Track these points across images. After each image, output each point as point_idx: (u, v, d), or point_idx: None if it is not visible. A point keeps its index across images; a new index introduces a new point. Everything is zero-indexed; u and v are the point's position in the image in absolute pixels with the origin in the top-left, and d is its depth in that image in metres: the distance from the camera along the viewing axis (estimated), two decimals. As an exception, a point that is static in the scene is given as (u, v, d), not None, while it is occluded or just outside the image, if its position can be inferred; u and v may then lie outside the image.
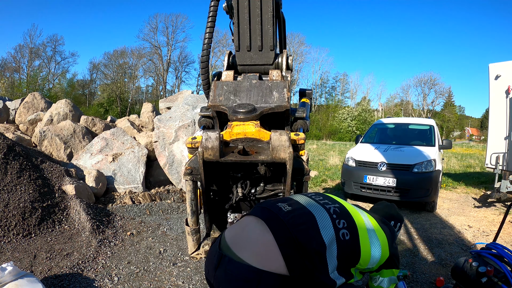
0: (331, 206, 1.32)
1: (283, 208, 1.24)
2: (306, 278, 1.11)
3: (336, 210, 1.31)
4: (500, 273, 1.78)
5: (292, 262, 1.09)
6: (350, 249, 1.24)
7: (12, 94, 27.61)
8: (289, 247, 1.11)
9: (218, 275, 1.13)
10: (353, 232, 1.28)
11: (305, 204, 1.30)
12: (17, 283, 1.92)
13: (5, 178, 3.36)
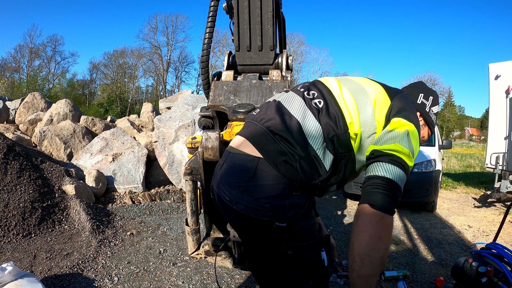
0: (304, 85, 1.28)
1: (255, 114, 1.26)
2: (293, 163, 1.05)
3: (306, 86, 1.26)
4: (500, 273, 1.77)
5: (265, 149, 1.08)
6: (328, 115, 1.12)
7: (12, 94, 27.61)
8: (265, 140, 1.10)
9: (222, 171, 1.15)
10: (327, 97, 1.17)
11: (275, 98, 1.28)
12: (17, 283, 1.92)
13: (5, 178, 3.36)
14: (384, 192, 0.98)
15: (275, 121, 1.12)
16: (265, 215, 1.03)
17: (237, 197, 1.06)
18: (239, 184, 1.06)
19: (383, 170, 1.01)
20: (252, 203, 1.03)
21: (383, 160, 1.03)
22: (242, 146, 1.13)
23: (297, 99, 1.19)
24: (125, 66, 44.16)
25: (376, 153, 1.05)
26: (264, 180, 1.04)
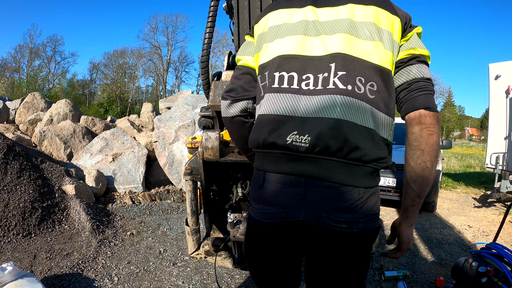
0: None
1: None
2: None
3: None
4: (500, 273, 1.78)
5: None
6: None
7: (12, 94, 27.60)
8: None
9: (314, 199, 0.91)
10: None
11: None
12: (17, 283, 1.92)
13: (5, 178, 3.36)
14: (431, 93, 0.96)
15: None
16: (376, 221, 0.95)
17: (355, 217, 0.90)
18: (355, 203, 0.90)
19: (423, 72, 0.96)
20: (369, 215, 0.93)
21: (417, 62, 0.97)
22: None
23: None
24: (125, 66, 44.17)
25: (409, 57, 0.97)
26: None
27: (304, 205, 0.90)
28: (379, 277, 2.81)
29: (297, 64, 0.95)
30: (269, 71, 1.00)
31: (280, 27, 1.01)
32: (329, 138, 0.87)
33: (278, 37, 1.00)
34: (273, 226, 0.95)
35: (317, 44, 0.95)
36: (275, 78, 0.97)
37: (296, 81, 0.94)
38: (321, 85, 0.91)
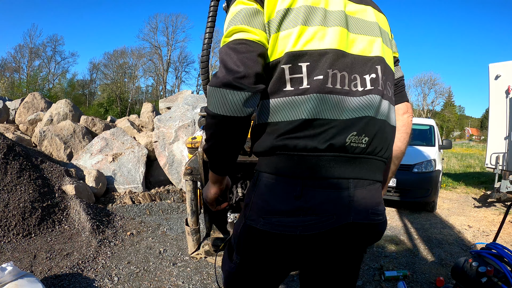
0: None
1: None
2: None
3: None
4: (500, 273, 1.78)
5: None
6: None
7: (12, 94, 27.60)
8: None
9: (361, 197, 0.91)
10: None
11: None
12: (17, 283, 1.92)
13: (5, 178, 3.37)
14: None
15: None
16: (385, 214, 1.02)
17: (383, 209, 0.98)
18: (381, 196, 1.00)
19: (402, 72, 1.20)
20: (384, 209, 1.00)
21: (398, 63, 1.19)
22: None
23: None
24: (125, 66, 44.17)
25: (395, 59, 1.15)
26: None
27: (353, 207, 0.88)
28: (379, 277, 2.81)
29: (347, 62, 0.88)
30: (317, 66, 0.85)
31: (320, 10, 0.87)
32: (380, 139, 0.91)
33: (321, 24, 0.86)
34: (317, 236, 0.86)
35: (360, 42, 0.92)
36: (328, 77, 0.85)
37: (347, 82, 0.88)
38: (371, 86, 0.90)
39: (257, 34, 0.85)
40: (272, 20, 0.86)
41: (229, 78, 0.80)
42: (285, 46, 0.85)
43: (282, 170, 0.88)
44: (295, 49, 0.84)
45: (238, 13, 0.86)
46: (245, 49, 0.83)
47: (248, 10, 0.86)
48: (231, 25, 0.85)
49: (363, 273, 2.88)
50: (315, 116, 0.84)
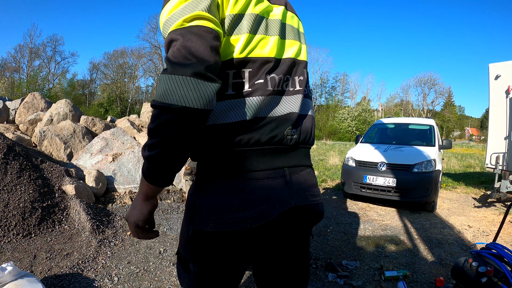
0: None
1: None
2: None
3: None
4: (500, 273, 1.78)
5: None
6: None
7: (12, 94, 27.62)
8: None
9: (300, 181, 1.05)
10: None
11: None
12: (17, 283, 1.92)
13: (5, 178, 3.37)
14: None
15: None
16: (320, 196, 1.12)
17: (318, 190, 1.09)
18: (315, 179, 1.11)
19: None
20: (319, 191, 1.10)
21: None
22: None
23: None
24: (125, 66, 44.23)
25: None
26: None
27: (292, 192, 0.96)
28: (379, 277, 2.81)
29: (284, 67, 0.97)
30: (258, 72, 0.91)
31: (264, 19, 0.93)
32: (306, 129, 1.03)
33: (264, 33, 0.92)
34: (266, 225, 0.91)
35: (292, 48, 1.02)
36: (268, 80, 0.92)
37: (282, 83, 0.97)
38: (299, 86, 1.03)
39: (220, 28, 0.82)
40: (223, 22, 0.86)
41: (200, 67, 0.74)
42: (232, 52, 0.87)
43: (224, 168, 0.89)
44: (241, 56, 0.87)
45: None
46: (211, 39, 0.78)
47: (213, 0, 0.82)
48: (195, 9, 0.78)
49: (363, 273, 2.88)
50: (257, 115, 0.90)
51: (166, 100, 0.73)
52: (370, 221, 4.54)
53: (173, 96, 0.73)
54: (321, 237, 3.84)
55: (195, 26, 0.78)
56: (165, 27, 0.81)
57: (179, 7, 0.79)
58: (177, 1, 0.80)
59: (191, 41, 0.75)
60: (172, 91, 0.73)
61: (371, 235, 3.97)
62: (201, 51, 0.75)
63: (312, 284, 2.67)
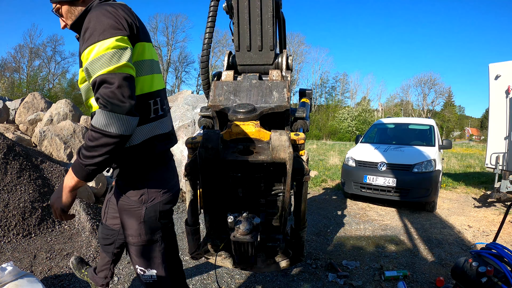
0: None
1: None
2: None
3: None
4: (500, 273, 1.78)
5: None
6: None
7: (12, 94, 27.60)
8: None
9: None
10: None
11: None
12: (17, 283, 1.92)
13: (5, 178, 3.37)
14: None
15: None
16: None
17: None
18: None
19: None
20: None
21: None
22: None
23: None
24: (125, 66, 44.13)
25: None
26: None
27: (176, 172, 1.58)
28: (379, 277, 2.81)
29: (164, 93, 1.46)
30: (158, 99, 1.38)
31: (154, 62, 1.39)
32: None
33: (156, 72, 1.39)
34: (177, 191, 1.53)
35: (161, 79, 1.46)
36: (166, 104, 1.46)
37: (167, 105, 1.48)
38: (167, 107, 1.49)
39: (133, 70, 1.17)
40: (136, 65, 1.25)
41: (130, 108, 1.09)
42: (149, 87, 1.33)
43: (161, 161, 1.43)
44: (153, 89, 1.34)
45: (125, 50, 1.13)
46: (133, 84, 1.14)
47: (130, 52, 1.16)
48: (122, 59, 1.11)
49: (363, 273, 2.88)
50: (168, 128, 1.46)
51: (106, 129, 1.07)
52: (370, 221, 4.54)
53: (112, 127, 1.07)
54: (321, 237, 3.84)
55: (125, 73, 1.10)
56: (93, 65, 1.09)
57: (107, 52, 1.09)
58: (106, 46, 1.09)
59: (123, 86, 1.08)
60: (111, 123, 1.06)
61: (371, 235, 3.97)
62: (130, 95, 1.09)
63: (312, 284, 2.67)
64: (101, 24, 1.12)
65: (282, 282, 2.67)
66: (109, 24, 1.13)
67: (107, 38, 1.10)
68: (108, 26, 1.13)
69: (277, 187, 1.91)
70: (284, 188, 1.74)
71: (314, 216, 4.71)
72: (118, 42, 1.12)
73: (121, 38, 1.14)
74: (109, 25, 1.13)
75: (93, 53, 1.09)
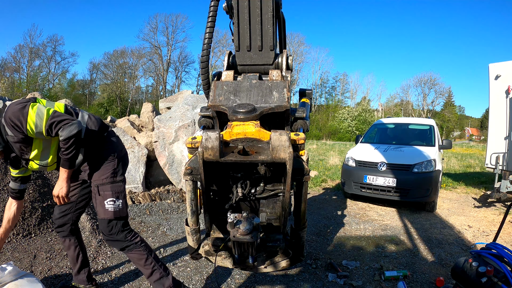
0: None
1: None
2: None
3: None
4: (500, 273, 1.78)
5: None
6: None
7: (12, 94, 27.60)
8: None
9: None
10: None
11: None
12: (17, 283, 1.92)
13: (5, 178, 3.36)
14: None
15: None
16: None
17: None
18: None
19: None
20: None
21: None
22: None
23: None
24: (125, 66, 44.20)
25: None
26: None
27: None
28: (379, 277, 2.81)
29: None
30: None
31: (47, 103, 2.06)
32: None
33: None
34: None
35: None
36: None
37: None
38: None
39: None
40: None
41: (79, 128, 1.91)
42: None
43: (118, 155, 2.18)
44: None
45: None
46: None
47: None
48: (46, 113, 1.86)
49: (363, 273, 2.89)
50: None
51: (71, 134, 1.84)
52: (370, 221, 4.54)
53: (71, 133, 1.85)
54: (321, 237, 3.84)
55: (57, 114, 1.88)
56: (38, 126, 1.81)
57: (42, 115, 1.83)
58: (45, 115, 1.82)
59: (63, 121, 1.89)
60: (72, 136, 1.85)
61: (371, 235, 3.97)
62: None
63: (312, 284, 2.67)
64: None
65: (282, 282, 2.67)
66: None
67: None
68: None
69: (277, 187, 1.91)
70: (284, 188, 1.74)
71: (314, 216, 4.71)
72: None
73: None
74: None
75: (39, 123, 1.83)
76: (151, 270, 2.11)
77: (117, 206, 2.06)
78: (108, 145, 2.13)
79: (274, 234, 1.93)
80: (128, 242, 2.08)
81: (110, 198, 2.05)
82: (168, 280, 2.14)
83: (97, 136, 2.07)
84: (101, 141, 2.10)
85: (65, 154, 1.85)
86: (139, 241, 2.13)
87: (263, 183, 1.89)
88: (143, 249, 2.12)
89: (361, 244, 3.65)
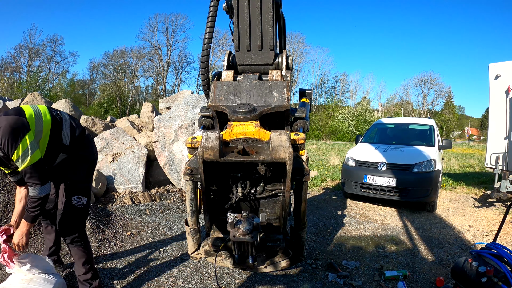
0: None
1: None
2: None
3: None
4: (500, 273, 1.78)
5: None
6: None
7: (12, 94, 27.60)
8: None
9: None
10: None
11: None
12: (32, 277, 2.09)
13: (5, 178, 3.36)
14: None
15: None
16: None
17: None
18: None
19: None
20: None
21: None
22: None
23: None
24: (125, 66, 44.18)
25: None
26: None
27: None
28: (379, 277, 2.81)
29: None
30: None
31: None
32: None
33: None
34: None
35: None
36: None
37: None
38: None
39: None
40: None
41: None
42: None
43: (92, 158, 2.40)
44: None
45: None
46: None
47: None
48: (31, 160, 1.90)
49: (363, 273, 2.89)
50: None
51: (38, 195, 1.95)
52: (370, 221, 4.54)
53: (41, 193, 1.97)
54: (321, 237, 3.84)
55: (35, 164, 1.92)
56: (19, 161, 1.87)
57: (27, 157, 1.86)
58: (29, 160, 1.86)
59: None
60: (40, 196, 1.96)
61: (371, 235, 3.97)
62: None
63: (312, 284, 2.67)
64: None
65: (282, 282, 2.67)
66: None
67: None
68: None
69: (277, 187, 1.91)
70: (284, 188, 1.74)
71: (314, 216, 4.71)
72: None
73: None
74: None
75: (21, 161, 1.90)
76: (86, 270, 2.28)
77: (83, 204, 2.23)
78: (85, 148, 2.32)
79: (274, 234, 1.93)
80: (78, 238, 2.25)
81: (78, 195, 2.21)
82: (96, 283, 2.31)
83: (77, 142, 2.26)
84: (80, 145, 2.28)
85: (31, 211, 1.95)
86: (88, 242, 2.33)
87: (263, 183, 1.89)
88: (89, 250, 2.30)
89: (361, 244, 3.65)
